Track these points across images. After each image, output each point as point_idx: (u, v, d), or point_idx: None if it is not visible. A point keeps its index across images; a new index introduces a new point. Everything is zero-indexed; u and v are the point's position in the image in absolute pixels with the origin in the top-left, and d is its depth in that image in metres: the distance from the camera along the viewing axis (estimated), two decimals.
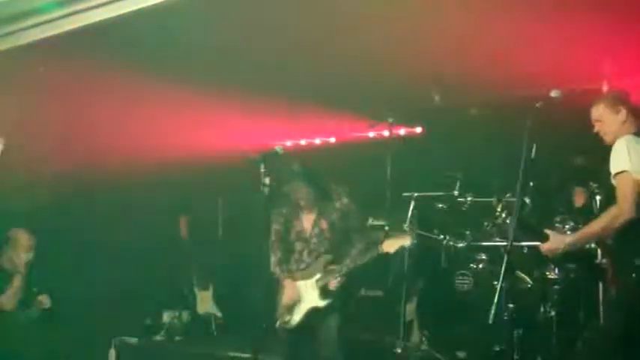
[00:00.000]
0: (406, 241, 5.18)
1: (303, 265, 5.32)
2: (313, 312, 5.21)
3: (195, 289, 8.34)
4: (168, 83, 6.72)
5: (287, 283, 5.30)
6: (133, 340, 7.68)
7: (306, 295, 5.24)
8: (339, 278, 5.15)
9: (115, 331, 7.61)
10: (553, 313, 6.10)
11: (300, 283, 5.27)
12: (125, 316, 7.76)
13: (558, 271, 6.29)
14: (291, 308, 5.27)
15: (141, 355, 7.52)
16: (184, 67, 6.61)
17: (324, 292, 5.19)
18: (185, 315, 8.22)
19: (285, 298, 5.31)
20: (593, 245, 5.68)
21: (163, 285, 8.31)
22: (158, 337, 7.93)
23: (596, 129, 4.42)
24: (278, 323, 5.32)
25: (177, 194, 8.46)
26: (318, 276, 5.22)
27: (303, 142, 8.85)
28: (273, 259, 5.40)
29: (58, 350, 6.36)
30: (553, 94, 4.26)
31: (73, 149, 7.44)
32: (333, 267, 5.20)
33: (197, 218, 8.74)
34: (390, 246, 5.13)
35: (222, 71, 6.83)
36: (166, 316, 8.15)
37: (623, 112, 4.29)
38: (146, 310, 8.27)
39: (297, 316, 5.25)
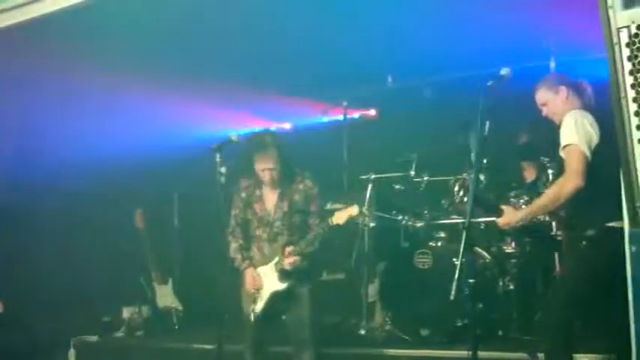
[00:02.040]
0: (354, 211, 5.06)
1: (265, 250, 5.25)
2: (274, 296, 5.18)
3: (154, 283, 8.24)
4: (117, 74, 6.68)
5: (248, 272, 5.24)
6: (93, 339, 7.58)
7: (266, 280, 5.20)
8: (293, 258, 5.10)
9: (74, 331, 7.51)
10: (512, 287, 6.23)
11: (260, 270, 5.23)
12: (83, 315, 7.66)
13: (515, 245, 6.42)
14: (254, 296, 5.22)
15: (101, 353, 7.43)
16: (132, 56, 6.55)
17: (283, 274, 5.15)
18: (145, 310, 8.12)
19: (248, 286, 5.25)
20: (548, 218, 5.82)
21: (121, 280, 8.21)
22: (118, 334, 7.83)
23: (544, 113, 4.52)
24: (244, 313, 5.26)
25: (132, 187, 8.35)
26: (276, 259, 5.17)
27: (258, 130, 8.80)
28: (234, 245, 5.31)
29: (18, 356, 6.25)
30: (503, 72, 4.32)
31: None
32: (289, 249, 5.15)
33: (153, 211, 8.65)
34: (339, 218, 5.07)
35: (174, 59, 6.77)
36: (126, 312, 8.04)
37: (564, 89, 4.40)
38: (104, 307, 8.16)
39: (260, 303, 5.20)
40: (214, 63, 6.99)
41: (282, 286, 5.16)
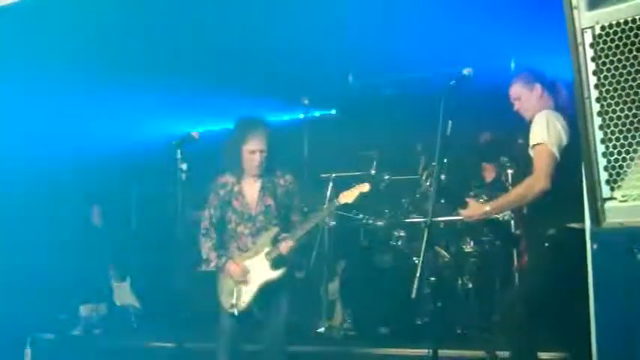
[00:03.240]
0: (365, 188, 5.07)
1: (249, 245, 5.12)
2: (265, 287, 5.06)
3: (112, 281, 8.15)
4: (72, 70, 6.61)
5: (230, 264, 5.07)
6: (49, 337, 7.46)
7: (254, 273, 5.06)
8: (291, 242, 5.02)
9: (30, 329, 7.38)
10: (470, 285, 6.29)
11: (247, 263, 5.09)
12: (39, 312, 7.53)
13: (474, 244, 6.48)
14: (235, 291, 5.07)
15: (58, 352, 7.30)
16: (91, 52, 6.48)
17: (276, 262, 5.05)
18: (102, 308, 8.03)
19: (227, 282, 5.10)
20: (507, 217, 5.89)
21: (78, 278, 8.09)
22: (75, 332, 7.72)
23: (515, 107, 4.52)
24: (224, 308, 5.10)
25: (89, 183, 8.25)
26: (267, 249, 5.06)
27: (217, 128, 8.76)
28: (208, 244, 5.15)
29: None
30: (465, 71, 4.34)
31: None
32: (285, 235, 5.07)
33: (111, 207, 8.54)
34: (348, 196, 5.09)
35: (132, 56, 6.71)
36: (83, 310, 7.94)
37: (538, 87, 4.42)
38: (61, 305, 8.04)
39: (247, 296, 5.05)
40: (173, 60, 6.93)
41: (275, 274, 5.04)
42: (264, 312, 5.12)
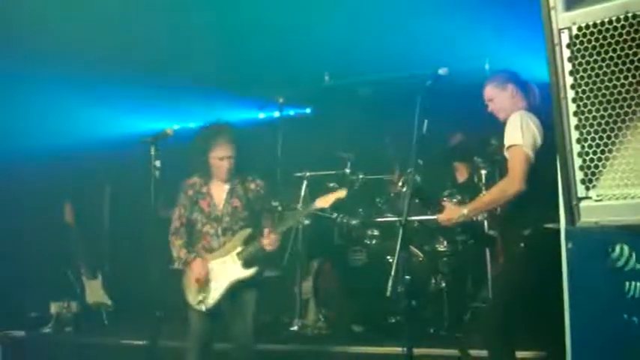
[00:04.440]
0: (342, 194, 5.12)
1: (214, 244, 5.12)
2: (235, 285, 5.06)
3: (83, 278, 8.07)
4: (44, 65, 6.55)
5: (196, 262, 5.08)
6: (20, 334, 7.37)
7: (224, 271, 5.06)
8: (274, 237, 5.03)
9: (0, 326, 7.29)
10: (444, 285, 6.32)
11: (215, 262, 5.09)
12: (9, 310, 7.45)
13: (447, 244, 6.52)
14: (203, 288, 5.07)
15: (28, 349, 7.22)
16: (62, 47, 6.43)
17: (248, 261, 5.05)
18: (74, 305, 7.94)
19: (194, 279, 5.07)
20: (481, 217, 5.93)
21: (49, 275, 8.01)
22: (46, 330, 7.64)
23: (489, 108, 4.53)
24: (190, 305, 5.10)
25: (61, 180, 8.17)
26: (239, 249, 5.06)
27: (192, 125, 8.71)
28: (178, 242, 5.13)
29: None
30: (441, 71, 4.36)
31: None
32: (266, 231, 5.06)
33: (83, 204, 8.46)
34: (325, 201, 5.12)
35: (105, 50, 6.66)
36: (54, 307, 7.85)
37: (510, 87, 4.44)
38: (32, 302, 7.96)
39: (215, 293, 5.06)
40: (149, 56, 6.90)
41: (246, 273, 5.04)
42: (233, 310, 5.11)
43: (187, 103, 8.23)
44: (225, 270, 5.08)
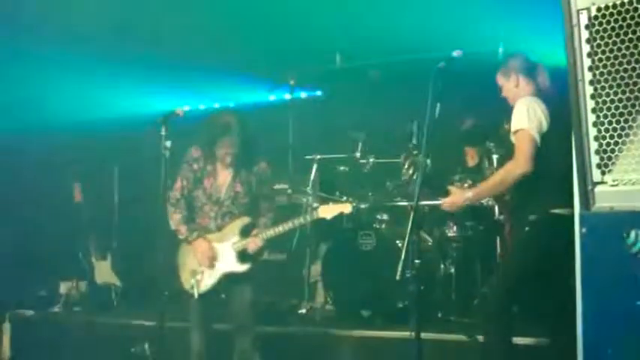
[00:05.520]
0: (347, 209, 5.10)
1: (212, 227, 5.10)
2: (229, 277, 5.05)
3: (92, 259, 8.08)
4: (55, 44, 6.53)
5: (200, 242, 5.04)
6: (29, 313, 7.40)
7: (220, 258, 5.05)
8: (259, 242, 5.02)
9: (9, 305, 7.31)
10: (453, 270, 6.30)
11: (215, 246, 5.06)
12: (19, 288, 7.47)
13: (457, 229, 6.48)
14: (199, 271, 5.05)
15: (38, 328, 7.25)
16: (73, 26, 6.41)
17: (243, 256, 5.04)
18: (83, 285, 7.97)
19: (192, 260, 5.07)
20: (491, 202, 5.90)
21: (58, 255, 8.03)
22: (55, 309, 7.67)
23: (503, 94, 4.54)
24: (185, 286, 5.09)
25: (71, 160, 8.17)
26: (234, 239, 5.04)
27: (202, 107, 8.68)
28: (176, 216, 5.07)
29: None
30: (455, 53, 4.32)
31: None
32: (255, 231, 5.05)
33: (93, 185, 8.46)
34: (327, 212, 5.09)
35: (116, 31, 6.64)
36: (63, 287, 7.89)
37: (514, 77, 4.44)
38: (41, 282, 7.98)
39: (209, 280, 5.05)
40: (159, 37, 6.86)
41: (241, 267, 5.04)
42: (229, 292, 5.14)
43: (198, 85, 8.20)
44: (221, 258, 5.06)
